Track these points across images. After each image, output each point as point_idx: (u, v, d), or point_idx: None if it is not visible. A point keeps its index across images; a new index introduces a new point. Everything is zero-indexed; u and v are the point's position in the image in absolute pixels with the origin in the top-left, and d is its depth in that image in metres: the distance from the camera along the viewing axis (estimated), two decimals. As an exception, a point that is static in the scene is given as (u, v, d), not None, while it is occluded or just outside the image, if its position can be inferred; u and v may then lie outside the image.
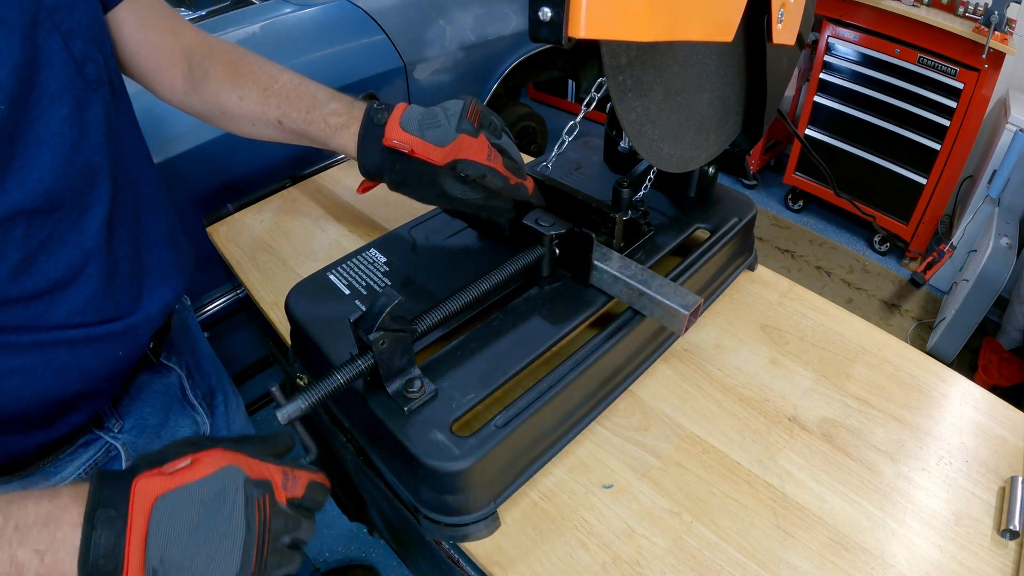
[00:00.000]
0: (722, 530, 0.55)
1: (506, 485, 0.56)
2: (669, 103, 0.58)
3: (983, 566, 0.53)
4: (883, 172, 2.39)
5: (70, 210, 0.50)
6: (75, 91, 0.50)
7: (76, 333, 0.53)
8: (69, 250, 0.51)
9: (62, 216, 0.50)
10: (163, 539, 0.35)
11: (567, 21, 0.37)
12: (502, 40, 1.91)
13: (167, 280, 0.63)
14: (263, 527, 0.38)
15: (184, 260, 0.67)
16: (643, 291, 0.59)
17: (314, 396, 0.48)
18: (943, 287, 2.31)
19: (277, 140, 0.69)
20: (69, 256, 0.51)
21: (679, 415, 0.65)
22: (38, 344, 0.51)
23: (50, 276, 0.50)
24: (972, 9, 2.08)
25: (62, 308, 0.51)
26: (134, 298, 0.58)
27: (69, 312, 0.52)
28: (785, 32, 0.63)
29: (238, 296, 1.44)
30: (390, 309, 0.49)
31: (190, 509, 0.36)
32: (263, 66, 0.67)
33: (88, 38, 0.52)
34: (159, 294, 0.61)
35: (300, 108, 0.65)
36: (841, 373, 0.69)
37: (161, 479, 0.36)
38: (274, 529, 0.39)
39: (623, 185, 0.70)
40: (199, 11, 1.86)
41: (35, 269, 0.49)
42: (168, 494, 0.36)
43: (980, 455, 0.62)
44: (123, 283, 0.57)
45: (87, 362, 0.55)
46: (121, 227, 0.56)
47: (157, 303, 0.61)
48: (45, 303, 0.50)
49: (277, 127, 0.66)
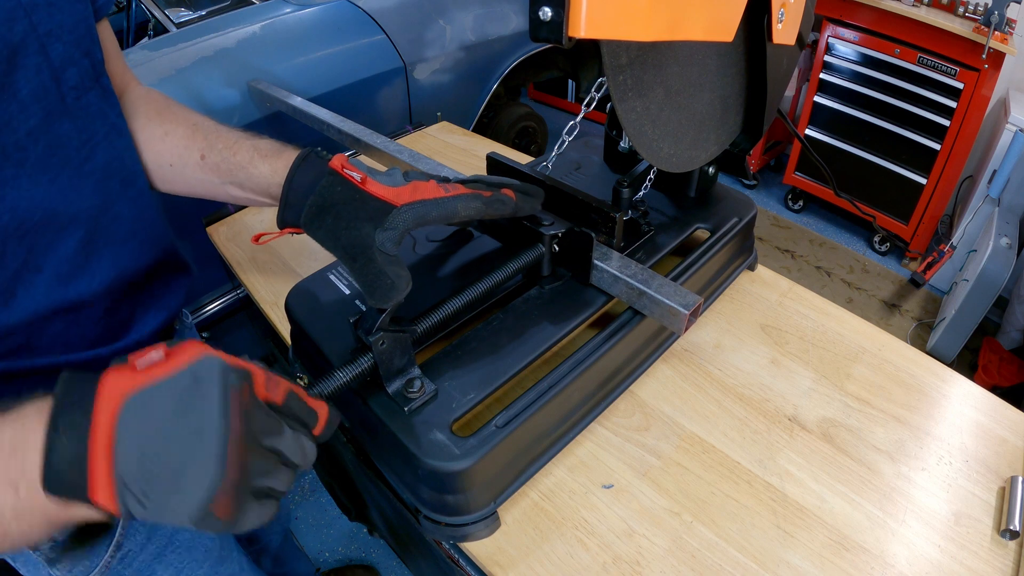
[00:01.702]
0: (722, 530, 0.55)
1: (506, 485, 0.56)
2: (669, 103, 0.58)
3: (983, 566, 0.53)
4: (883, 172, 2.39)
5: (43, 232, 0.47)
6: (46, 101, 0.46)
7: (62, 359, 0.50)
8: (45, 276, 0.48)
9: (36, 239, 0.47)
10: (132, 442, 0.31)
11: (567, 21, 0.37)
12: (502, 40, 1.92)
13: (162, 301, 0.60)
14: (243, 420, 0.33)
15: (181, 278, 0.64)
16: (643, 291, 0.59)
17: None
18: (943, 287, 2.31)
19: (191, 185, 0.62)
20: (46, 282, 0.48)
21: (679, 415, 0.65)
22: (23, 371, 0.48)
23: (27, 307, 0.47)
24: (972, 9, 2.08)
25: (45, 335, 0.48)
26: (124, 322, 0.55)
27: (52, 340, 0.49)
28: (785, 32, 0.63)
29: (238, 296, 1.44)
30: (389, 309, 0.49)
31: (162, 406, 0.32)
32: (192, 112, 0.63)
33: (71, 40, 0.48)
34: (152, 316, 0.58)
35: (227, 140, 0.60)
36: (841, 373, 0.69)
37: (131, 375, 0.32)
38: (255, 427, 0.34)
39: (623, 185, 0.70)
40: (199, 11, 1.86)
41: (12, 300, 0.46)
42: (139, 391, 0.32)
43: (980, 455, 0.62)
44: (110, 307, 0.54)
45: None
46: (106, 248, 0.53)
47: (150, 324, 0.58)
48: (25, 333, 0.47)
49: (197, 164, 0.60)
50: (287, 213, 0.54)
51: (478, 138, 1.24)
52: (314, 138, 1.10)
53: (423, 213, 0.50)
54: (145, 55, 1.44)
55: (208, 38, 1.49)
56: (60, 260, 0.49)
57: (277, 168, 0.56)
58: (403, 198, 0.50)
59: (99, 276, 0.52)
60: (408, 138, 1.24)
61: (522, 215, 0.59)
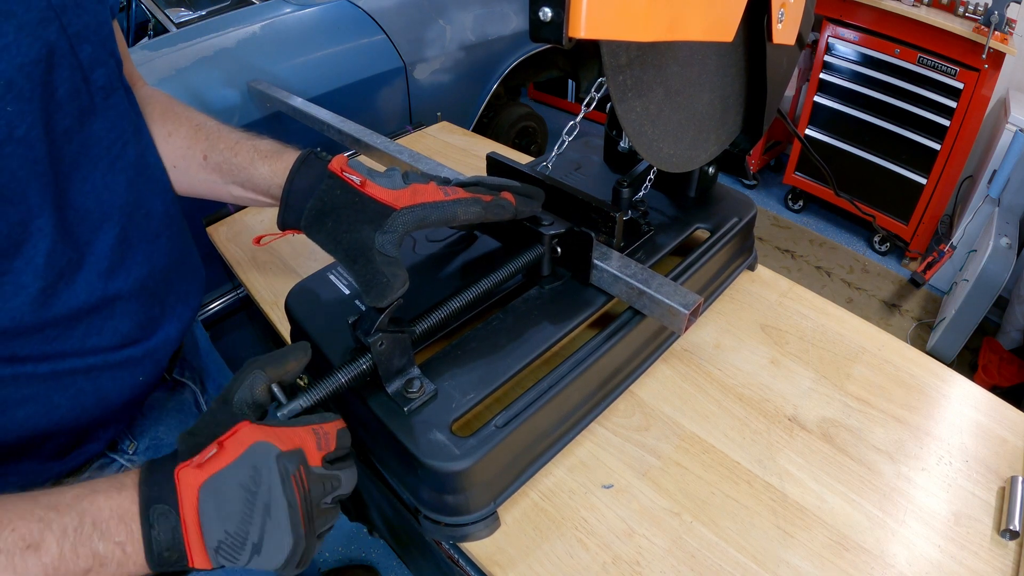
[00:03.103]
0: (722, 530, 0.55)
1: (506, 485, 0.56)
2: (669, 103, 0.58)
3: (983, 566, 0.53)
4: (883, 172, 2.39)
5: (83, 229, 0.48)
6: (79, 101, 0.47)
7: (95, 360, 0.51)
8: (86, 274, 0.49)
9: (77, 239, 0.48)
10: (215, 522, 0.37)
11: (567, 21, 0.37)
12: (502, 40, 1.92)
13: (186, 299, 0.60)
14: (305, 501, 0.39)
15: (200, 277, 0.65)
16: (643, 290, 0.59)
17: (314, 396, 0.48)
18: (943, 287, 2.31)
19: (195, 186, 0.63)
20: (86, 280, 0.49)
21: (679, 415, 0.65)
22: (56, 373, 0.49)
23: (70, 303, 0.48)
24: (972, 9, 2.08)
25: (80, 334, 0.50)
26: (154, 320, 0.56)
27: (86, 337, 0.50)
28: (785, 32, 0.63)
29: (238, 296, 1.44)
30: (388, 310, 0.49)
31: (231, 492, 0.37)
32: (194, 112, 0.64)
33: (97, 41, 0.49)
34: (178, 313, 0.59)
35: (228, 141, 0.61)
36: (841, 373, 0.69)
37: (196, 470, 0.38)
38: (315, 496, 0.40)
39: (623, 185, 0.70)
40: (199, 11, 1.86)
41: (55, 299, 0.47)
42: (208, 482, 0.37)
43: (980, 455, 0.62)
44: (142, 305, 0.54)
45: (105, 389, 0.53)
46: (138, 247, 0.53)
47: (176, 323, 0.59)
48: (62, 330, 0.48)
49: (200, 165, 0.61)
50: (287, 215, 0.55)
51: (478, 138, 1.24)
52: (314, 138, 1.10)
53: (423, 216, 0.51)
54: (145, 55, 1.44)
55: (208, 38, 1.49)
56: (99, 256, 0.50)
57: (277, 170, 0.57)
58: (402, 201, 0.50)
59: (134, 272, 0.53)
60: (408, 138, 1.24)
61: (522, 218, 0.60)
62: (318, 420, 0.43)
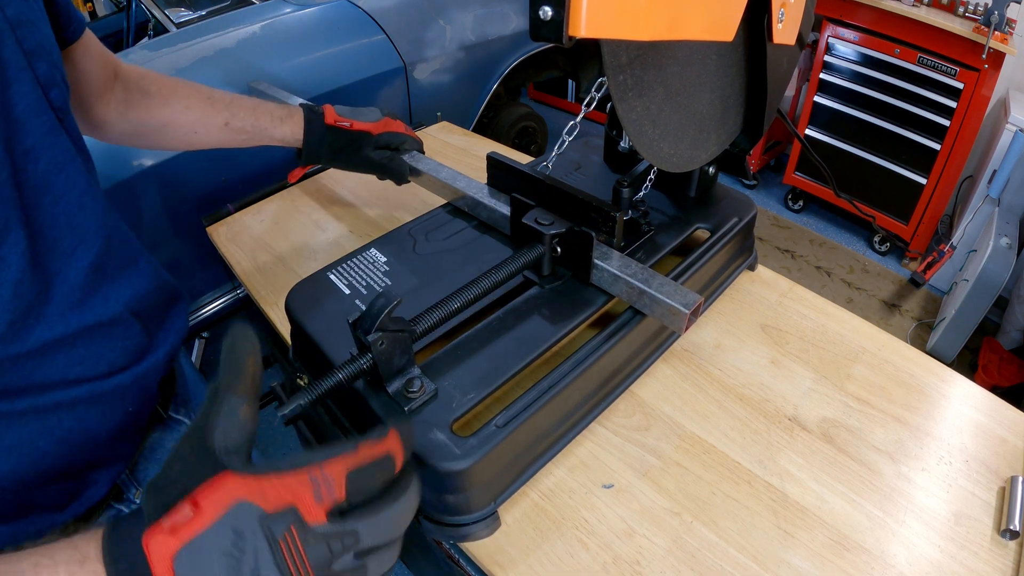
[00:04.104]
0: (722, 530, 0.55)
1: (506, 485, 0.56)
2: (669, 103, 0.58)
3: (983, 566, 0.53)
4: (883, 172, 2.39)
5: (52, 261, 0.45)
6: (42, 119, 0.44)
7: (79, 391, 0.48)
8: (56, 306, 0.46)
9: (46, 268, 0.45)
10: None
11: (567, 20, 0.36)
12: (502, 40, 1.92)
13: (172, 322, 0.59)
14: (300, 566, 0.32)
15: (183, 299, 0.63)
16: (644, 290, 0.59)
17: (314, 396, 0.48)
18: (943, 287, 2.31)
19: (214, 144, 0.76)
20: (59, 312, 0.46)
21: (679, 415, 0.65)
22: (36, 410, 0.46)
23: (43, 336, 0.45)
24: (972, 9, 2.09)
25: (60, 365, 0.46)
26: (141, 345, 0.54)
27: (67, 368, 0.47)
28: (785, 32, 0.63)
29: (238, 296, 1.44)
30: (389, 310, 0.49)
31: (212, 559, 0.31)
32: (198, 85, 0.74)
33: (51, 62, 0.46)
34: (165, 337, 0.57)
35: (246, 108, 0.76)
36: (841, 373, 0.69)
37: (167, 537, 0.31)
38: (316, 561, 0.33)
39: (623, 185, 0.70)
40: (199, 11, 1.86)
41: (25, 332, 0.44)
42: (183, 551, 0.31)
43: (980, 455, 0.62)
44: (128, 330, 0.52)
45: (93, 424, 0.49)
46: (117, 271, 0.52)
47: (164, 347, 0.57)
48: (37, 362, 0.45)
49: (222, 128, 0.75)
50: (308, 157, 0.83)
51: (478, 138, 1.24)
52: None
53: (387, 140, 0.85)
54: (145, 55, 1.44)
55: (208, 38, 1.49)
56: (72, 287, 0.47)
57: (294, 130, 0.80)
58: (378, 129, 0.84)
59: (113, 297, 0.51)
60: (408, 138, 1.24)
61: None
62: (322, 458, 0.34)
